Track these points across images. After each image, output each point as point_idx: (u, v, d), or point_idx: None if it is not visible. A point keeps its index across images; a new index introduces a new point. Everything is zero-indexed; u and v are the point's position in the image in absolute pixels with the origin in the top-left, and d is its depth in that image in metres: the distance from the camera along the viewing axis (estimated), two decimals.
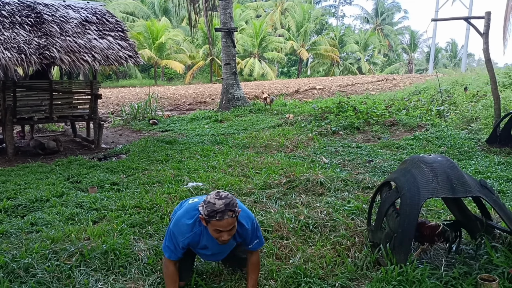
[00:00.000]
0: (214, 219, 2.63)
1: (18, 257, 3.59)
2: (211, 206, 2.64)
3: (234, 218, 2.66)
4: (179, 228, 2.88)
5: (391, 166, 6.67)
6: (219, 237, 2.71)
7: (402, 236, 3.30)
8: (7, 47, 7.44)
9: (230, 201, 2.66)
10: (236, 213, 2.68)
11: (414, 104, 12.62)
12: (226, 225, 2.64)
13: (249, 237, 2.94)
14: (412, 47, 55.78)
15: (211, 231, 2.72)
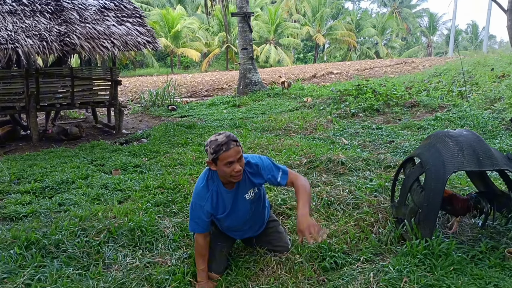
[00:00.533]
0: (221, 152, 2.63)
1: (49, 234, 3.69)
2: (214, 142, 2.66)
3: (239, 146, 2.67)
4: (197, 195, 2.88)
5: (413, 146, 6.61)
6: (232, 171, 2.68)
7: (427, 211, 3.29)
8: (28, 34, 7.56)
9: (229, 134, 2.70)
10: (238, 142, 2.71)
11: (434, 86, 12.42)
12: (234, 154, 2.63)
13: (266, 170, 2.88)
14: (431, 30, 54.69)
15: (223, 171, 2.70)
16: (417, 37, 59.09)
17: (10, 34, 7.44)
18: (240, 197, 2.91)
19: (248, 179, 2.88)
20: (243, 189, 2.90)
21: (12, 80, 8.15)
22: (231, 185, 2.87)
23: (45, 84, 8.44)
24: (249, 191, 2.91)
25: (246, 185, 2.90)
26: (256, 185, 2.93)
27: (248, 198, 2.91)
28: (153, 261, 3.29)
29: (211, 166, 2.75)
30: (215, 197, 2.86)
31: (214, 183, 2.86)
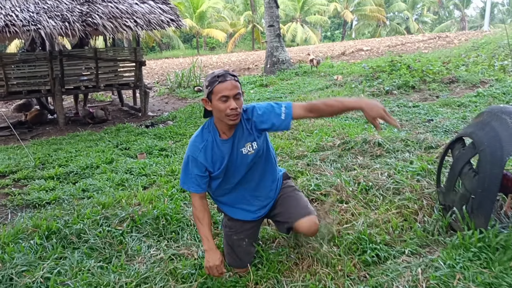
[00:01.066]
0: (216, 84, 2.29)
1: (70, 222, 3.52)
2: (211, 75, 2.36)
3: (236, 82, 2.33)
4: (191, 146, 2.53)
5: (454, 125, 6.16)
6: (227, 108, 2.30)
7: (481, 198, 2.92)
8: (51, 15, 7.39)
9: (227, 70, 2.41)
10: (237, 78, 2.38)
11: (473, 60, 11.72)
12: (230, 87, 2.29)
13: (263, 110, 2.49)
14: (464, 2, 52.37)
15: (218, 109, 2.33)
16: (450, 10, 56.79)
17: (32, 15, 7.28)
18: (238, 150, 2.51)
19: (245, 128, 2.49)
20: (240, 141, 2.50)
21: (37, 63, 8.04)
22: (228, 133, 2.48)
23: (69, 67, 8.30)
24: (247, 145, 2.50)
25: (243, 135, 2.49)
26: (254, 137, 2.51)
27: (245, 152, 2.51)
28: (178, 253, 3.06)
29: (206, 104, 2.40)
30: (210, 148, 2.49)
31: (210, 132, 2.50)
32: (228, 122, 2.35)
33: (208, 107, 2.40)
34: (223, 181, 2.60)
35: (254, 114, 2.48)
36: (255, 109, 2.49)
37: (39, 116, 8.70)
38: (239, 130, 2.47)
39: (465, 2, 52.32)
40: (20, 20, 7.13)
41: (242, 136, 2.49)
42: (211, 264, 2.51)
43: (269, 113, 2.46)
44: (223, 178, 2.57)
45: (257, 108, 2.49)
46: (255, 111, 2.49)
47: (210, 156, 2.48)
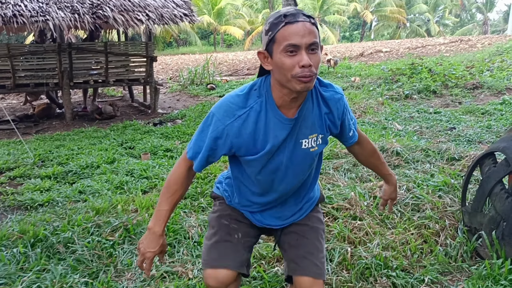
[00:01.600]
0: (282, 26, 1.45)
1: (59, 229, 3.26)
2: (275, 14, 1.52)
3: (313, 25, 1.47)
4: (224, 107, 1.60)
5: (478, 135, 5.77)
6: (296, 63, 1.45)
7: None
8: (60, 6, 7.18)
9: (300, 9, 1.53)
10: (314, 20, 1.51)
11: (498, 65, 11.22)
12: (302, 32, 1.43)
13: (343, 104, 1.71)
14: (488, 6, 51.23)
15: (281, 66, 1.47)
16: (472, 14, 55.65)
17: (41, 6, 7.08)
18: (296, 141, 1.65)
19: (319, 108, 1.66)
20: (305, 126, 1.64)
21: (45, 56, 7.84)
22: (288, 109, 1.59)
23: (79, 60, 8.09)
24: (312, 137, 1.67)
25: (310, 120, 1.65)
26: (326, 127, 1.70)
27: (306, 146, 1.67)
28: (172, 270, 2.77)
29: (264, 60, 1.55)
30: (253, 122, 1.58)
31: (261, 97, 1.60)
32: (296, 86, 1.47)
33: (266, 65, 1.55)
34: (258, 165, 1.68)
35: (333, 93, 1.68)
36: (337, 92, 1.70)
37: (46, 109, 8.52)
38: (308, 109, 1.63)
39: (488, 5, 51.19)
40: (28, 10, 6.93)
41: (308, 120, 1.64)
42: (146, 248, 1.75)
43: (347, 109, 1.76)
44: (259, 163, 1.67)
45: (341, 94, 1.72)
46: (337, 95, 1.69)
47: (251, 134, 1.59)
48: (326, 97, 1.67)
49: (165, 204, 1.74)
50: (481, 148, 5.22)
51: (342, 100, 1.70)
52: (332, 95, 1.68)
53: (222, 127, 1.57)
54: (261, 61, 1.57)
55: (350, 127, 1.78)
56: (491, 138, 5.58)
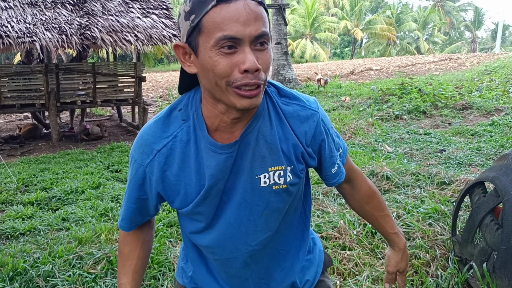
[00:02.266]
0: (213, 5, 0.91)
1: (40, 261, 3.15)
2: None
3: (260, 6, 0.94)
4: (140, 141, 1.12)
5: (468, 157, 5.75)
6: (235, 66, 0.94)
7: (506, 256, 2.51)
8: (48, 27, 7.13)
9: None
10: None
11: (487, 85, 11.31)
12: (245, 16, 0.91)
13: (323, 141, 1.16)
14: (476, 24, 52.16)
15: (210, 64, 0.94)
16: (461, 32, 56.57)
17: (29, 27, 7.02)
18: (250, 175, 1.11)
19: (280, 127, 1.11)
20: (260, 155, 1.10)
21: (31, 76, 7.76)
22: (228, 131, 1.07)
23: (66, 81, 8.02)
24: (273, 169, 1.11)
25: (270, 145, 1.10)
26: (294, 157, 1.13)
27: (265, 183, 1.12)
28: None
29: (184, 60, 1.02)
30: (180, 156, 1.09)
31: (188, 121, 1.09)
32: (236, 102, 0.97)
33: (187, 66, 1.02)
34: (206, 233, 1.19)
35: (307, 115, 1.13)
36: (308, 106, 1.14)
37: (32, 130, 8.40)
38: (263, 129, 1.09)
39: (476, 23, 52.12)
40: (15, 31, 6.86)
41: (264, 145, 1.10)
42: None
43: (326, 134, 1.17)
44: (202, 218, 1.16)
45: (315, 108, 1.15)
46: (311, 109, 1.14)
47: (178, 175, 1.10)
48: (287, 113, 1.10)
49: (123, 275, 1.29)
50: (471, 171, 5.20)
51: (314, 118, 1.12)
52: (297, 110, 1.11)
53: (142, 169, 1.12)
54: (180, 60, 1.03)
55: (332, 161, 1.19)
56: (481, 161, 5.57)
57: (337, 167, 1.22)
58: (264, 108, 1.09)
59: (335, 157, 1.21)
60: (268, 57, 0.97)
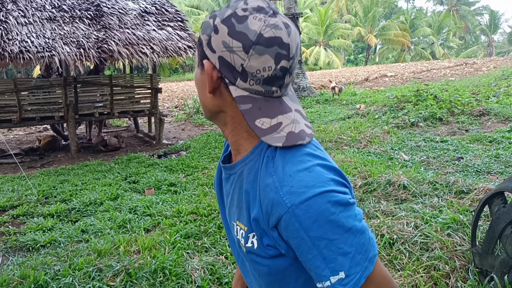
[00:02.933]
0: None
1: (60, 274, 3.21)
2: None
3: (204, 35, 0.94)
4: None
5: (486, 165, 5.68)
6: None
7: None
8: (66, 41, 7.27)
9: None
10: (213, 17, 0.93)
11: (504, 91, 11.15)
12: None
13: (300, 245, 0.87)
14: (492, 28, 51.48)
15: None
16: (476, 36, 55.90)
17: (48, 41, 7.18)
18: (229, 215, 1.06)
19: (255, 185, 0.93)
20: (234, 200, 1.02)
21: (51, 89, 7.92)
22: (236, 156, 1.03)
23: (84, 93, 8.16)
24: (239, 225, 0.99)
25: (243, 197, 0.97)
26: (253, 227, 0.93)
27: (236, 234, 1.02)
28: None
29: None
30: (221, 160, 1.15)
31: None
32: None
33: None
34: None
35: (273, 199, 0.88)
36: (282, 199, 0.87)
37: (52, 142, 8.55)
38: (248, 174, 0.97)
39: (492, 27, 51.47)
40: (35, 46, 7.02)
41: (239, 194, 0.99)
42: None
43: (312, 251, 0.87)
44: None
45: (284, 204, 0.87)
46: (282, 203, 0.86)
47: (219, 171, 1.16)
48: (261, 184, 0.92)
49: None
50: (490, 179, 5.12)
51: (279, 210, 0.86)
52: (269, 192, 0.89)
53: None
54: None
55: (317, 278, 0.88)
56: (499, 169, 5.49)
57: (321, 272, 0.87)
58: (255, 161, 0.95)
59: (323, 277, 0.87)
60: (196, 77, 0.99)
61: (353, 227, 0.85)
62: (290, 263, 0.95)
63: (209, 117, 1.02)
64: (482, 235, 3.25)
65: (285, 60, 0.89)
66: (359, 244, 0.86)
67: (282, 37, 0.88)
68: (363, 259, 0.86)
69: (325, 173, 0.88)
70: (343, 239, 0.84)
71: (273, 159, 0.91)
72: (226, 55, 0.89)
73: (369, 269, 0.87)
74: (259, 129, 0.91)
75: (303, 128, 0.93)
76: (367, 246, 0.87)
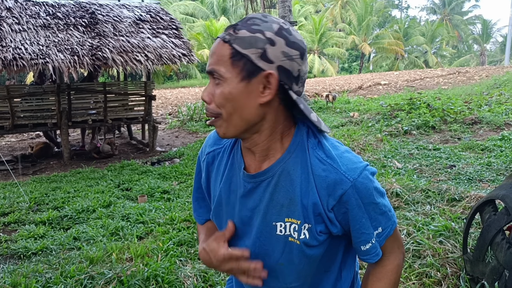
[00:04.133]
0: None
1: (52, 282, 3.19)
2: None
3: (225, 44, 1.01)
4: (206, 140, 1.30)
5: (478, 173, 5.72)
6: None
7: None
8: (60, 49, 7.27)
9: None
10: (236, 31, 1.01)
11: (496, 99, 11.26)
12: (212, 52, 1.04)
13: (355, 216, 1.06)
14: (484, 37, 52.07)
15: None
16: (469, 45, 56.47)
17: (42, 48, 7.17)
18: (265, 217, 1.11)
19: (305, 180, 1.06)
20: (278, 202, 1.09)
21: (44, 96, 7.89)
22: (254, 162, 1.13)
23: (77, 100, 8.14)
24: (289, 221, 1.08)
25: (291, 195, 1.07)
26: (311, 217, 1.06)
27: (281, 232, 1.10)
28: None
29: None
30: (224, 159, 1.20)
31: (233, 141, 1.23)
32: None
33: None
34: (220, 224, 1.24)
35: (337, 179, 1.04)
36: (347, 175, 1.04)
37: (44, 149, 8.51)
38: (288, 174, 1.07)
39: (484, 36, 52.04)
40: (28, 53, 7.02)
41: (284, 193, 1.08)
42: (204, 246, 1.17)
43: (364, 215, 1.06)
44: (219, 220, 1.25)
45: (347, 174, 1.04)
46: (347, 178, 1.03)
47: (215, 169, 1.23)
48: (315, 169, 1.05)
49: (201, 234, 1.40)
50: (481, 187, 5.16)
51: (343, 186, 1.02)
52: (327, 170, 1.03)
53: (198, 159, 1.33)
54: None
55: (364, 238, 1.08)
56: (491, 176, 5.53)
57: (369, 246, 1.09)
58: (298, 151, 1.07)
59: (368, 235, 1.08)
60: (219, 92, 1.02)
61: (383, 191, 1.11)
62: (336, 244, 1.14)
63: (241, 131, 1.05)
64: (474, 242, 3.28)
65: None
66: (388, 204, 1.11)
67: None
68: (391, 215, 1.12)
69: (353, 152, 1.10)
70: (381, 202, 1.08)
71: (317, 148, 1.06)
72: (286, 63, 0.99)
73: (395, 223, 1.14)
74: (317, 122, 1.05)
75: None
76: (390, 206, 1.13)
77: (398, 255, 1.17)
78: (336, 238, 1.12)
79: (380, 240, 1.10)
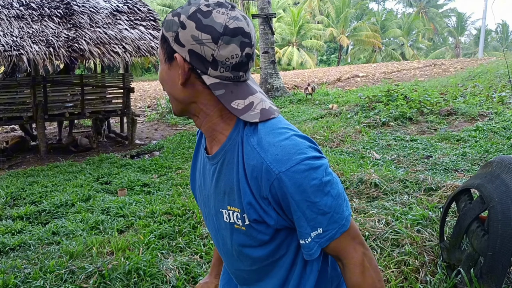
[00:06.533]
0: None
1: (31, 277, 3.15)
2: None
3: (164, 39, 1.03)
4: None
5: (454, 163, 5.85)
6: None
7: (492, 261, 2.58)
8: (35, 40, 7.10)
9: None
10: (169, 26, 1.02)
11: (471, 91, 11.50)
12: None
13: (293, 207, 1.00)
14: (459, 30, 52.97)
15: None
16: (444, 37, 57.40)
17: (15, 40, 6.99)
18: (214, 201, 1.14)
19: (241, 166, 1.04)
20: (220, 188, 1.10)
21: (19, 89, 7.71)
22: (212, 146, 1.13)
23: (54, 93, 7.98)
24: (231, 209, 1.07)
25: (230, 182, 1.06)
26: (245, 205, 1.04)
27: (226, 219, 1.10)
28: None
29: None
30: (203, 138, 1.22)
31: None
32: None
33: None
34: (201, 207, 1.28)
35: (263, 167, 0.99)
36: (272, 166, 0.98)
37: (20, 143, 8.32)
38: (229, 161, 1.07)
39: (459, 29, 52.95)
40: (2, 45, 6.83)
41: (225, 180, 1.08)
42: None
43: (298, 212, 1.00)
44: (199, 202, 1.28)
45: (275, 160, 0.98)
46: (272, 169, 0.98)
47: (200, 147, 1.25)
48: (246, 159, 1.02)
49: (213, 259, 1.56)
50: (457, 177, 5.29)
51: (269, 177, 0.98)
52: (256, 163, 1.00)
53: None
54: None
55: (300, 233, 1.03)
56: (466, 166, 5.67)
57: (303, 243, 1.03)
58: (235, 143, 1.04)
59: (304, 234, 1.02)
60: (158, 73, 1.09)
61: (330, 190, 0.99)
62: (286, 234, 1.09)
63: (180, 111, 1.09)
64: (450, 230, 3.36)
65: (248, 47, 1.00)
66: (337, 205, 1.00)
67: (244, 27, 0.99)
68: (339, 218, 1.01)
69: (302, 141, 1.00)
70: (322, 202, 0.98)
71: (252, 135, 1.01)
72: (196, 47, 0.97)
73: (346, 226, 1.02)
74: (236, 110, 1.00)
75: (271, 105, 1.05)
76: (342, 207, 1.03)
77: (356, 259, 1.04)
78: (287, 229, 1.07)
79: (321, 241, 1.01)
